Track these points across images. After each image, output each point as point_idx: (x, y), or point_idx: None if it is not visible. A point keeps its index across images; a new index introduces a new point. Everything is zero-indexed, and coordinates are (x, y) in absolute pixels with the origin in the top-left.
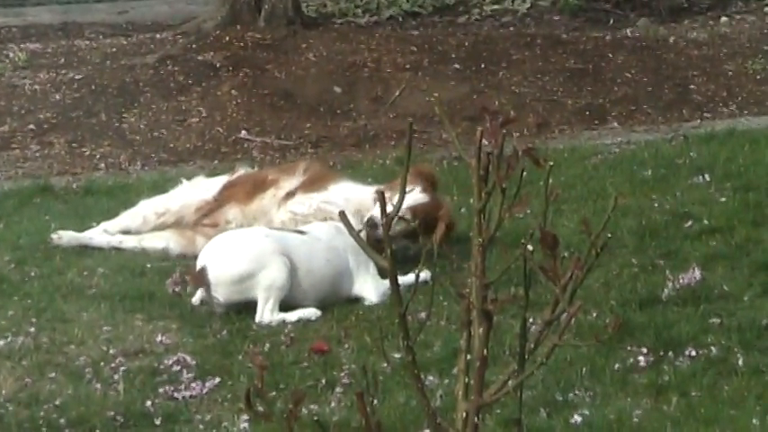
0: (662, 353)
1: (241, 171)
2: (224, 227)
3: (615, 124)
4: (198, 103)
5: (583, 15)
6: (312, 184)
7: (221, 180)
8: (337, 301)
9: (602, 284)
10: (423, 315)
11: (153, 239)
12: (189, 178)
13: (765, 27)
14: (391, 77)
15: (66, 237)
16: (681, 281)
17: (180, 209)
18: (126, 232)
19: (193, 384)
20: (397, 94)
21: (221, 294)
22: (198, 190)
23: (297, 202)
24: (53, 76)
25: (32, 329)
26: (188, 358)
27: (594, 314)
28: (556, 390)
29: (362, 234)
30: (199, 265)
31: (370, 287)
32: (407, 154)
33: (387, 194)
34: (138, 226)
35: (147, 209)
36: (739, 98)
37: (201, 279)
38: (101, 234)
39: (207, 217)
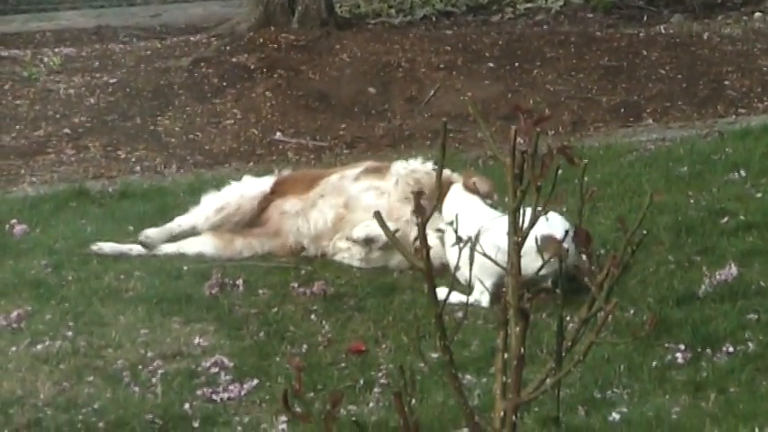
0: (699, 349)
1: (285, 172)
2: (279, 218)
3: (650, 121)
4: (232, 105)
5: (616, 12)
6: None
7: (269, 179)
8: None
9: (638, 282)
10: (460, 314)
11: (190, 244)
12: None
13: None
14: (425, 77)
15: (105, 248)
16: (717, 277)
17: (239, 199)
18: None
19: (231, 386)
20: (431, 93)
21: None
22: (252, 184)
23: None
24: (87, 79)
25: (70, 333)
26: (225, 360)
27: (631, 311)
28: (594, 388)
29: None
30: None
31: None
32: (442, 153)
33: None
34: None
35: (208, 207)
36: None
37: None
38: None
39: (263, 213)
